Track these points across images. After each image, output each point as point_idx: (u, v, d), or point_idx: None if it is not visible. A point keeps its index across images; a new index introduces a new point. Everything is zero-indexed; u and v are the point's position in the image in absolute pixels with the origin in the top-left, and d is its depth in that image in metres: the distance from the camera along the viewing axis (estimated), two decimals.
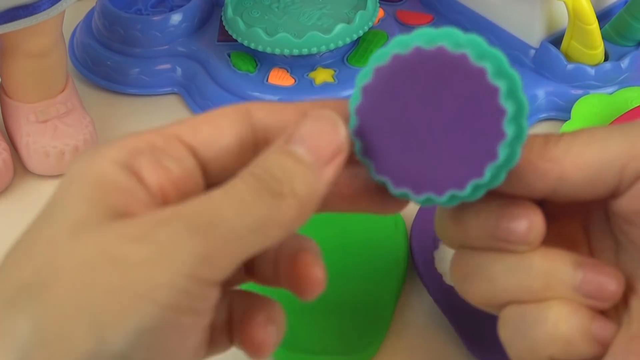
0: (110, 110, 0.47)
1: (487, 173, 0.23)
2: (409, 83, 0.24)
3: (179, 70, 0.48)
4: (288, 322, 0.34)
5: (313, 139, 0.23)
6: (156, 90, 0.48)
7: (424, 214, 0.38)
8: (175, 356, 0.21)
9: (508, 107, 0.23)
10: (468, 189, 0.24)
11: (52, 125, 0.42)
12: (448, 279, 0.37)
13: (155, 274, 0.20)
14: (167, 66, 0.48)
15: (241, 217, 0.21)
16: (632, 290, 0.25)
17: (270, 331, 0.26)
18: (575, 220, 0.27)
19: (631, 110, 0.42)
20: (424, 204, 0.25)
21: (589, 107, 0.43)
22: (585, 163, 0.24)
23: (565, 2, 0.43)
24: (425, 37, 0.24)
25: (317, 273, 0.25)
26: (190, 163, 0.23)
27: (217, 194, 0.22)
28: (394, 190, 0.24)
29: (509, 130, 0.23)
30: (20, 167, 0.43)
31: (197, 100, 0.46)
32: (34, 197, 0.42)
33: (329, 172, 0.23)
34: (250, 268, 0.27)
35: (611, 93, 0.44)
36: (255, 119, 0.25)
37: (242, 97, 0.45)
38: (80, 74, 0.49)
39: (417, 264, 0.37)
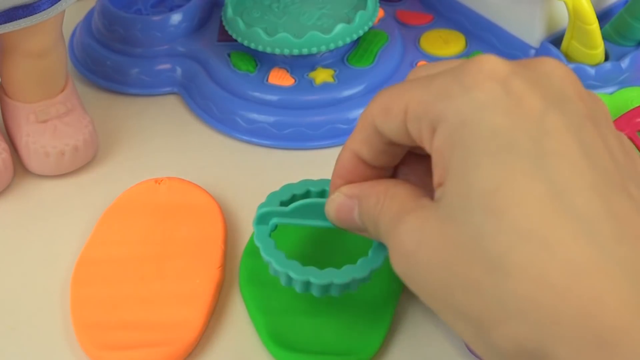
0: (110, 110, 0.47)
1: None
2: None
3: (179, 70, 0.48)
4: (290, 322, 0.35)
5: None
6: (156, 90, 0.48)
7: None
8: None
9: None
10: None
11: (52, 125, 0.42)
12: None
13: None
14: (167, 66, 0.48)
15: None
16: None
17: None
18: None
19: (631, 110, 0.42)
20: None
21: None
22: None
23: (565, 2, 0.43)
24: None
25: None
26: None
27: None
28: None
29: None
30: (20, 167, 0.43)
31: (197, 100, 0.46)
32: (34, 197, 0.42)
33: None
34: None
35: (611, 93, 0.44)
36: None
37: (242, 97, 0.45)
38: (80, 74, 0.49)
39: None
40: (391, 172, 0.32)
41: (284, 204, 0.35)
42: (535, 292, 0.24)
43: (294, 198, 0.35)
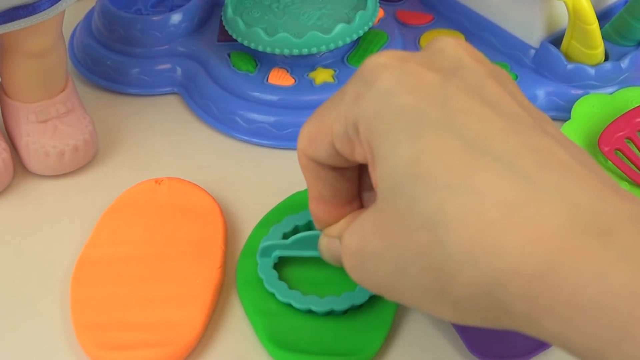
0: (110, 110, 0.47)
1: None
2: None
3: (179, 70, 0.48)
4: (288, 323, 0.35)
5: None
6: (156, 90, 0.48)
7: None
8: None
9: None
10: None
11: (52, 125, 0.42)
12: None
13: None
14: (167, 66, 0.48)
15: None
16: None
17: None
18: None
19: (631, 110, 0.42)
20: None
21: (589, 107, 0.43)
22: None
23: (565, 2, 0.43)
24: None
25: None
26: None
27: None
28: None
29: None
30: (20, 167, 0.43)
31: (197, 100, 0.46)
32: (34, 197, 0.42)
33: None
34: None
35: (611, 93, 0.44)
36: None
37: (242, 97, 0.45)
38: (80, 74, 0.49)
39: None
40: (361, 203, 0.33)
41: (286, 234, 0.37)
42: (478, 234, 0.24)
43: (296, 228, 0.37)
